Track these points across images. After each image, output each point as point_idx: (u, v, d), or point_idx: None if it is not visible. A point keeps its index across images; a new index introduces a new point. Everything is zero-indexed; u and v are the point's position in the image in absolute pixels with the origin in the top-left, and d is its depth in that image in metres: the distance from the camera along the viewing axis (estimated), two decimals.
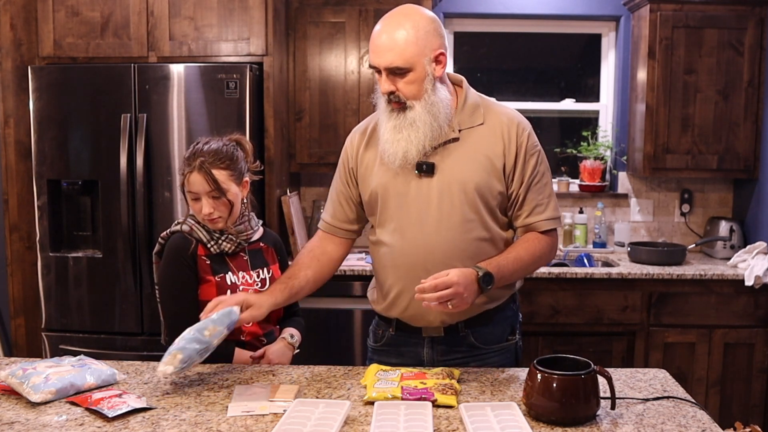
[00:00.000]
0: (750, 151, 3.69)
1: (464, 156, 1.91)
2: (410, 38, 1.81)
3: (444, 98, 1.89)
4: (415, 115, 1.85)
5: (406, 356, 2.04)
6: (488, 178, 1.90)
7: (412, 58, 1.81)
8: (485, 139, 1.92)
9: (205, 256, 2.10)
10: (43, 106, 3.24)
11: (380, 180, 1.96)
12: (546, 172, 1.98)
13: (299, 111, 3.68)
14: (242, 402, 1.71)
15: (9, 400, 1.74)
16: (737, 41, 3.63)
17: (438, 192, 1.90)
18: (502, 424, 1.55)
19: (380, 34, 1.84)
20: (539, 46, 4.29)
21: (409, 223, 1.92)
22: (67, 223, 3.38)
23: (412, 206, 1.92)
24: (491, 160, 1.91)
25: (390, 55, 1.81)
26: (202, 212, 2.06)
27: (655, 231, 4.07)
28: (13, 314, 3.42)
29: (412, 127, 1.86)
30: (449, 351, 2.01)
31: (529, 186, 1.93)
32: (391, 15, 1.87)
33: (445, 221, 1.90)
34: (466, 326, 1.98)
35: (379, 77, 1.88)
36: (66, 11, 3.29)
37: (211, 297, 2.07)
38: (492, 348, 2.02)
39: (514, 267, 1.89)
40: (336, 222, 2.09)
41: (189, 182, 2.05)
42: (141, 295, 3.25)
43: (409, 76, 1.83)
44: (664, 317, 3.44)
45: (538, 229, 1.96)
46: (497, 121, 1.94)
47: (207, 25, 3.27)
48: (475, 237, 1.91)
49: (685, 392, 1.81)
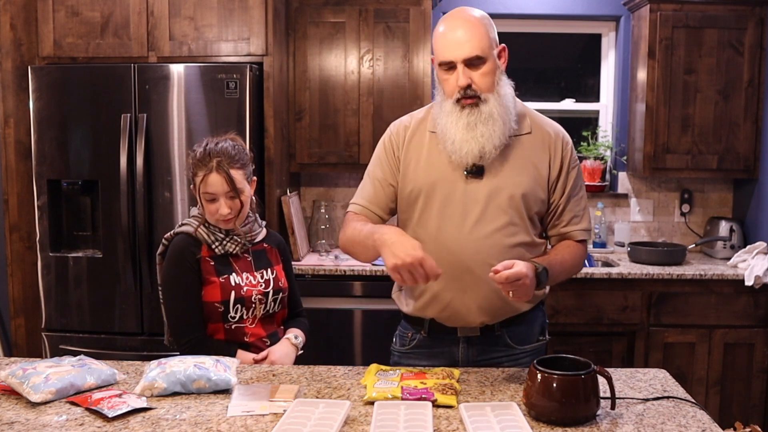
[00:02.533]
0: (750, 151, 3.69)
1: (513, 162, 1.93)
2: (482, 30, 1.87)
3: (510, 93, 1.93)
4: (491, 107, 1.87)
5: (439, 358, 2.03)
6: (535, 186, 1.94)
7: (487, 48, 1.87)
8: (533, 149, 1.96)
9: (209, 257, 2.10)
10: (43, 106, 3.24)
11: (426, 179, 1.95)
12: (583, 185, 2.05)
13: (299, 111, 3.68)
14: (242, 402, 1.70)
15: (9, 400, 1.74)
16: (737, 41, 3.63)
17: (486, 195, 1.91)
18: (502, 424, 1.55)
19: (454, 30, 1.87)
20: (539, 46, 4.29)
21: (452, 223, 1.92)
22: (67, 223, 3.37)
23: (458, 207, 1.93)
24: (538, 169, 1.95)
25: (469, 45, 1.84)
26: (218, 213, 2.05)
27: (655, 231, 4.07)
28: (13, 314, 3.42)
29: (489, 121, 1.87)
30: (485, 350, 2.01)
31: (569, 197, 1.99)
32: (456, 14, 1.91)
33: (491, 224, 1.91)
34: (502, 326, 2.00)
35: (447, 76, 1.89)
36: (66, 11, 3.29)
37: (215, 298, 2.08)
38: (525, 348, 2.04)
39: (560, 268, 1.92)
40: (372, 206, 2.02)
41: (207, 183, 2.04)
42: (141, 295, 3.25)
43: (483, 67, 1.87)
44: (664, 317, 3.44)
45: (574, 238, 2.01)
46: (544, 132, 1.99)
47: (207, 25, 3.27)
48: (518, 242, 1.93)
49: (685, 392, 1.81)
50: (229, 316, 2.09)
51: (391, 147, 2.03)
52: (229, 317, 2.10)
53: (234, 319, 2.10)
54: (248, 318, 2.13)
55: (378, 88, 3.64)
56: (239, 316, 2.11)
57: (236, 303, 2.09)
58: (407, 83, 3.64)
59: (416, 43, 3.61)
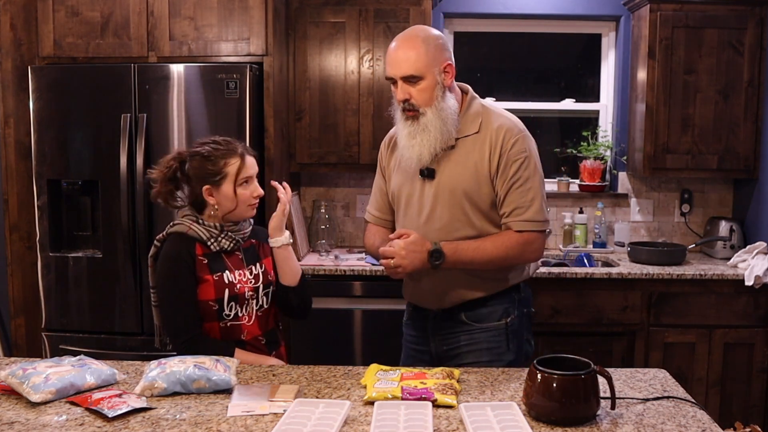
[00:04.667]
0: (750, 151, 3.69)
1: (456, 163, 2.13)
2: (422, 50, 2.06)
3: (452, 105, 2.12)
4: (427, 120, 2.09)
5: (417, 329, 2.34)
6: (474, 183, 2.12)
7: (424, 67, 2.06)
8: (477, 147, 2.13)
9: (202, 256, 2.10)
10: (43, 106, 3.24)
11: (397, 182, 2.26)
12: (531, 177, 2.13)
13: (299, 111, 3.68)
14: (242, 402, 1.71)
15: (9, 400, 1.75)
16: (737, 41, 3.63)
17: (434, 195, 2.15)
18: (502, 424, 1.55)
19: (396, 50, 2.09)
20: (539, 46, 4.28)
21: (411, 221, 2.21)
22: (67, 223, 3.38)
23: (415, 206, 2.20)
24: (478, 167, 2.12)
25: (405, 65, 2.06)
26: (255, 194, 2.15)
27: (655, 231, 4.07)
28: (13, 314, 3.42)
29: (425, 132, 2.09)
30: (445, 326, 2.25)
31: (509, 189, 2.11)
32: (405, 33, 2.13)
33: (437, 221, 2.15)
34: (459, 308, 2.22)
35: (394, 88, 2.11)
36: (66, 11, 3.29)
37: (209, 296, 2.09)
38: (481, 326, 2.21)
39: (474, 254, 2.09)
40: (381, 214, 2.37)
41: (247, 166, 2.13)
42: (141, 295, 3.25)
43: (421, 84, 2.07)
44: (664, 317, 3.44)
45: (512, 229, 2.13)
46: (490, 128, 2.14)
47: (207, 25, 3.27)
48: (461, 235, 2.13)
49: (685, 392, 1.81)
50: (223, 314, 2.10)
51: (380, 157, 2.37)
52: (224, 315, 2.10)
53: (229, 317, 2.11)
54: (244, 315, 2.14)
55: (378, 88, 3.64)
56: (234, 313, 2.12)
57: (230, 301, 2.10)
58: None
59: None
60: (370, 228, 2.39)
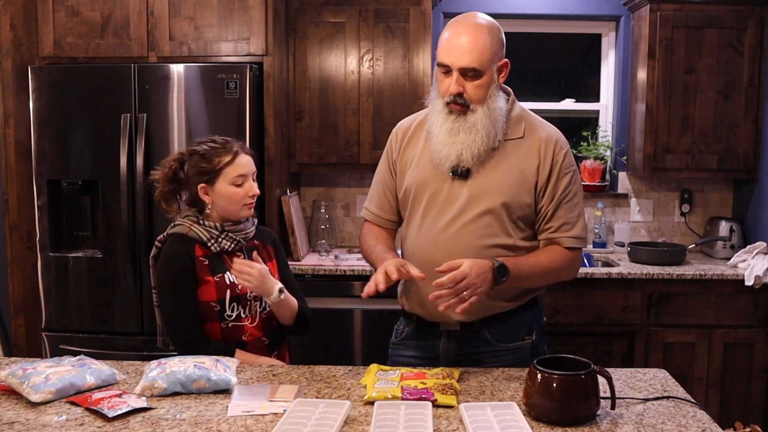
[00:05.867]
0: (750, 151, 3.69)
1: (499, 167, 1.96)
2: (487, 43, 1.89)
3: (502, 106, 1.96)
4: (477, 119, 1.91)
5: (423, 350, 2.08)
6: (518, 191, 1.96)
7: (486, 62, 1.89)
8: (522, 153, 1.98)
9: (203, 257, 2.10)
10: (43, 106, 3.24)
11: (416, 177, 2.02)
12: (578, 192, 2.03)
13: (299, 111, 3.68)
14: (242, 402, 1.71)
15: (9, 400, 1.74)
16: (737, 41, 3.63)
17: (467, 197, 1.96)
18: (502, 424, 1.55)
19: (458, 36, 1.89)
20: (539, 46, 4.28)
21: (433, 222, 1.99)
22: (67, 223, 3.37)
23: (440, 206, 1.98)
24: (525, 175, 1.97)
25: (468, 56, 1.87)
26: (250, 192, 2.11)
27: (655, 231, 4.07)
28: (13, 314, 3.42)
29: (471, 131, 1.91)
30: (465, 345, 2.03)
31: (559, 203, 1.99)
32: (466, 19, 1.93)
33: (468, 225, 1.95)
34: (483, 323, 2.01)
35: (443, 78, 1.92)
36: (66, 11, 3.29)
37: (210, 297, 2.08)
38: (507, 346, 2.04)
39: (531, 270, 1.94)
40: (383, 213, 2.15)
41: (238, 164, 2.09)
42: (141, 295, 3.25)
43: (479, 80, 1.90)
44: (664, 317, 3.44)
45: (561, 245, 2.01)
46: (537, 136, 1.99)
47: (207, 25, 3.27)
48: (495, 243, 1.96)
49: (685, 392, 1.81)
50: (225, 315, 2.10)
51: (390, 151, 2.13)
52: (226, 316, 2.10)
53: (231, 318, 2.11)
54: (247, 316, 2.13)
55: (378, 88, 3.64)
56: (236, 314, 2.11)
57: (232, 301, 2.10)
58: (407, 83, 3.63)
59: (416, 43, 3.61)
60: (369, 227, 2.17)
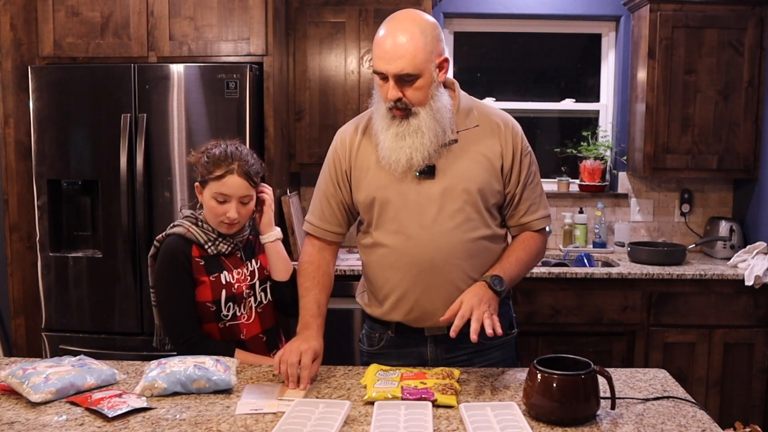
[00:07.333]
0: (750, 151, 3.69)
1: (465, 157, 1.93)
2: (420, 44, 1.80)
3: (446, 103, 1.90)
4: (420, 121, 1.85)
5: (408, 357, 2.03)
6: (489, 178, 1.94)
7: (422, 64, 1.80)
8: (483, 141, 1.95)
9: (199, 257, 2.10)
10: (43, 106, 3.24)
11: (378, 183, 1.95)
12: (537, 171, 2.05)
13: (299, 111, 3.68)
14: (251, 400, 1.72)
15: (9, 400, 1.74)
16: (737, 41, 3.63)
17: (440, 193, 1.91)
18: (502, 424, 1.55)
19: (387, 40, 1.82)
20: (539, 46, 4.28)
21: (411, 225, 1.92)
22: (67, 223, 3.37)
23: (414, 208, 1.92)
24: (491, 161, 1.94)
25: (402, 62, 1.79)
26: (225, 215, 2.04)
27: (655, 231, 4.07)
28: (13, 314, 3.42)
29: (417, 134, 1.85)
30: (453, 348, 2.01)
31: (524, 185, 1.99)
32: (396, 19, 1.86)
33: (449, 221, 1.91)
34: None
35: (382, 83, 1.85)
36: (66, 11, 3.29)
37: (206, 298, 2.08)
38: (493, 342, 2.02)
39: (517, 269, 1.96)
40: (326, 225, 2.06)
41: (225, 183, 2.03)
42: (141, 295, 3.25)
43: (417, 82, 1.82)
44: (664, 317, 3.44)
45: (533, 228, 2.03)
46: (492, 122, 1.98)
47: (207, 25, 3.27)
48: (478, 236, 1.94)
49: (685, 392, 1.81)
50: (221, 315, 2.10)
51: (337, 159, 2.03)
52: (222, 316, 2.10)
53: (227, 318, 2.11)
54: (243, 314, 2.14)
55: None
56: (232, 314, 2.11)
57: (228, 301, 2.10)
58: None
59: None
60: (309, 250, 2.06)
